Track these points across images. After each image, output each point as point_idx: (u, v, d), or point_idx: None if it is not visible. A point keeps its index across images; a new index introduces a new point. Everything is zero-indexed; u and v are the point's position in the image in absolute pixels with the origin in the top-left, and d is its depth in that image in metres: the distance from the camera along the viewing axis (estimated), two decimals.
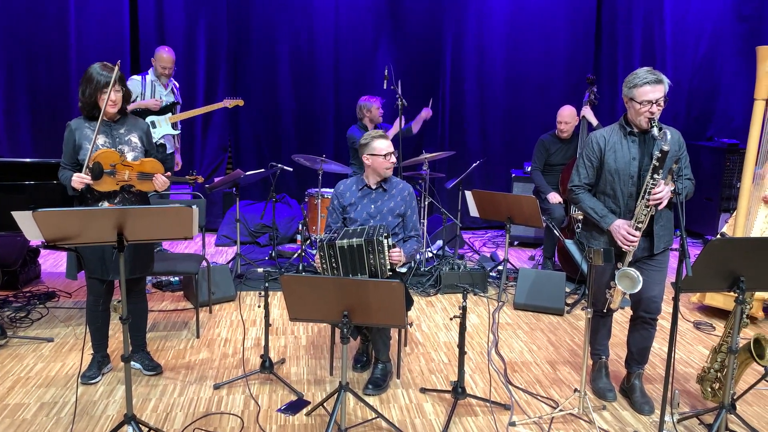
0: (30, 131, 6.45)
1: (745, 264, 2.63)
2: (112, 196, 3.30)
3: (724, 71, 7.29)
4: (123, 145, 3.31)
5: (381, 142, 3.59)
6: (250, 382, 3.51)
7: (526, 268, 4.97)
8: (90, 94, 3.21)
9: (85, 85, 3.22)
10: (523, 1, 7.00)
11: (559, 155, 5.54)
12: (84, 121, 3.29)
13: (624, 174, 3.12)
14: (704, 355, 3.98)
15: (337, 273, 3.34)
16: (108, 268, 3.31)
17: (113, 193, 3.29)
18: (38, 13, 6.27)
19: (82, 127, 3.27)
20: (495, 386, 3.55)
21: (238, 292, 4.89)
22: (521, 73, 7.12)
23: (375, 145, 3.58)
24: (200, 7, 6.56)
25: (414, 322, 4.45)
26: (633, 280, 2.95)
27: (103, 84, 3.19)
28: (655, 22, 7.11)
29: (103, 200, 3.29)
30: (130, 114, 3.45)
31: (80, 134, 3.26)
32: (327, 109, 6.97)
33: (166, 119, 5.35)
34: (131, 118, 3.42)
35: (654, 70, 3.04)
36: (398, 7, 6.87)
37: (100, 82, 3.19)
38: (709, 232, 6.80)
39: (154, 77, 5.33)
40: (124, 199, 3.33)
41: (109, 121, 3.31)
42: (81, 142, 3.25)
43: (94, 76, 3.20)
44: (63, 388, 3.41)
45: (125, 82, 3.33)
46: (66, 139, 3.29)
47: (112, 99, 3.22)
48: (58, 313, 4.47)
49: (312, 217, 5.95)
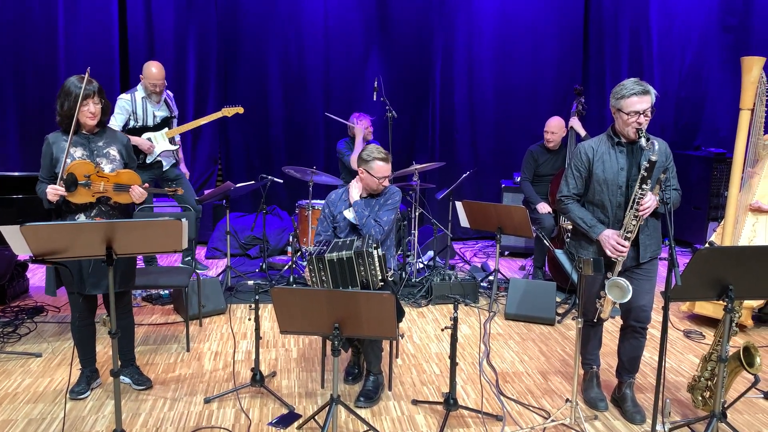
0: (18, 145, 6.43)
1: (734, 272, 2.65)
2: (89, 208, 3.25)
3: (711, 81, 7.38)
4: (101, 158, 3.26)
5: (381, 165, 3.55)
6: (240, 395, 3.49)
7: (516, 279, 4.98)
8: (69, 107, 3.16)
9: (63, 98, 3.18)
10: (511, 13, 7.06)
11: (548, 166, 5.57)
12: (62, 134, 3.25)
13: (612, 184, 3.14)
14: (694, 363, 4.00)
15: (327, 286, 3.32)
16: (85, 282, 3.25)
17: (89, 205, 3.24)
18: (26, 26, 6.26)
19: (59, 141, 3.23)
20: (487, 397, 3.55)
21: (229, 305, 4.87)
22: (510, 84, 7.17)
23: (374, 166, 3.56)
24: (190, 19, 6.57)
25: (405, 334, 4.44)
26: (623, 290, 2.96)
27: (83, 96, 3.15)
28: (641, 33, 7.19)
29: (79, 213, 3.25)
30: (109, 127, 3.41)
31: (57, 148, 3.22)
32: (317, 121, 6.98)
33: (162, 135, 5.23)
34: (110, 131, 3.38)
35: (641, 81, 3.07)
36: (388, 18, 6.91)
37: (79, 95, 3.14)
38: (697, 240, 6.85)
39: (144, 93, 5.18)
40: (101, 212, 3.27)
41: (88, 134, 3.27)
42: (58, 156, 3.20)
43: (72, 89, 3.16)
44: (51, 404, 3.37)
45: (104, 94, 3.28)
46: (44, 152, 3.25)
47: (92, 111, 3.19)
48: (47, 328, 4.42)
49: (303, 228, 5.94)
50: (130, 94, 5.20)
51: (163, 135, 5.25)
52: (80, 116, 3.18)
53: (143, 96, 5.19)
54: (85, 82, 3.17)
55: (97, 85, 3.22)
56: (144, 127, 5.17)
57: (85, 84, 3.16)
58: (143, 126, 5.17)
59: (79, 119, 3.19)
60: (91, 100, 3.18)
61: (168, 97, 5.38)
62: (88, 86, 3.17)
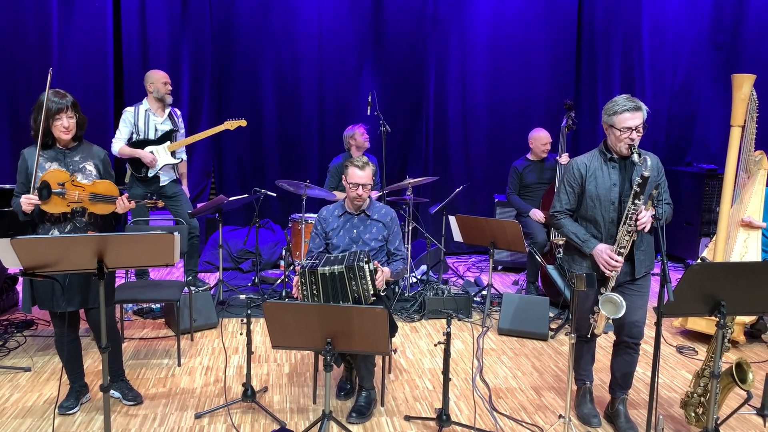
0: (9, 156, 6.39)
1: (726, 288, 2.65)
2: (62, 221, 3.19)
3: (702, 98, 7.46)
4: (77, 173, 3.21)
5: (353, 171, 3.53)
6: (231, 411, 3.46)
7: (510, 293, 4.97)
8: (42, 120, 3.09)
9: (36, 112, 3.13)
10: (504, 29, 7.12)
11: (533, 175, 5.61)
12: (36, 149, 3.17)
13: (605, 200, 3.15)
14: (687, 379, 3.99)
15: (318, 301, 3.30)
16: (58, 300, 3.19)
17: (63, 218, 3.19)
18: (19, 39, 6.25)
19: (34, 155, 3.16)
20: (480, 413, 3.53)
21: (220, 319, 4.83)
22: (503, 99, 7.22)
23: (349, 172, 3.56)
24: (184, 32, 6.59)
25: (398, 349, 4.42)
26: (616, 305, 2.96)
27: (55, 111, 3.11)
28: (633, 50, 7.27)
29: (53, 228, 3.19)
30: (86, 141, 3.36)
31: (32, 162, 3.15)
32: (311, 135, 7.00)
33: (164, 148, 5.20)
34: (86, 145, 3.33)
35: (632, 98, 3.10)
36: (381, 33, 6.95)
37: (52, 109, 3.10)
38: (689, 256, 6.87)
39: (148, 106, 5.19)
40: (76, 228, 3.21)
41: (63, 149, 3.23)
42: (32, 170, 3.14)
43: (46, 103, 3.10)
44: (40, 419, 3.33)
45: (78, 108, 3.23)
46: (20, 167, 3.20)
47: (65, 126, 3.14)
48: (36, 342, 4.38)
49: (296, 242, 5.92)
50: (134, 107, 5.23)
51: (165, 149, 5.22)
52: (54, 131, 3.15)
53: (147, 109, 5.20)
54: (62, 96, 3.13)
55: (72, 98, 3.17)
56: (145, 140, 5.18)
57: (58, 98, 3.12)
58: (144, 139, 5.17)
59: (53, 133, 3.15)
60: (65, 114, 3.13)
61: (174, 113, 5.38)
62: (61, 100, 3.12)
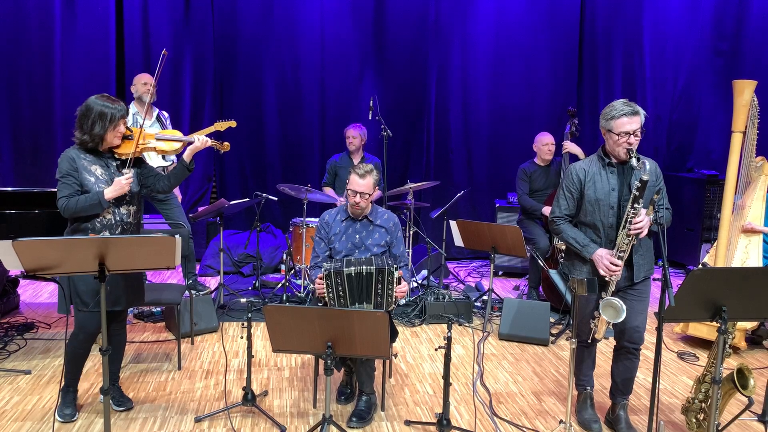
0: (11, 160, 6.39)
1: (727, 294, 2.65)
2: (112, 227, 3.18)
3: (703, 104, 7.46)
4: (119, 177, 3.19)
5: (355, 179, 3.51)
6: (232, 414, 3.45)
7: (510, 298, 4.97)
8: (102, 128, 3.10)
9: (95, 119, 3.10)
10: (506, 35, 7.13)
11: (541, 181, 5.61)
12: (80, 152, 3.16)
13: (604, 205, 3.15)
14: (688, 385, 3.98)
15: (344, 302, 3.31)
16: (108, 298, 3.12)
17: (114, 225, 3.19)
18: (22, 43, 6.26)
19: (80, 159, 3.14)
20: (480, 418, 3.52)
21: (221, 323, 4.83)
22: (505, 104, 7.22)
23: (350, 177, 3.56)
24: (186, 37, 6.61)
25: (399, 353, 4.41)
26: (617, 310, 2.96)
27: (119, 117, 3.13)
28: (635, 57, 7.27)
29: (104, 231, 3.17)
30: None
31: (80, 164, 3.13)
32: (312, 139, 7.01)
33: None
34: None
35: (630, 102, 3.11)
36: (383, 38, 6.97)
37: (116, 116, 3.12)
38: (690, 262, 6.86)
39: (136, 110, 5.19)
40: (124, 231, 3.22)
41: (103, 153, 3.23)
42: (82, 175, 3.12)
43: (107, 111, 3.10)
44: (40, 422, 3.33)
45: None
46: (68, 168, 3.10)
47: (121, 131, 3.19)
48: (37, 345, 4.38)
49: (297, 246, 5.93)
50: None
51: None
52: (108, 136, 3.15)
53: (135, 112, 5.21)
54: (117, 102, 3.17)
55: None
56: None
57: (119, 105, 3.16)
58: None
59: (105, 139, 3.16)
60: (122, 120, 3.18)
61: (162, 115, 5.39)
62: (122, 107, 3.17)
